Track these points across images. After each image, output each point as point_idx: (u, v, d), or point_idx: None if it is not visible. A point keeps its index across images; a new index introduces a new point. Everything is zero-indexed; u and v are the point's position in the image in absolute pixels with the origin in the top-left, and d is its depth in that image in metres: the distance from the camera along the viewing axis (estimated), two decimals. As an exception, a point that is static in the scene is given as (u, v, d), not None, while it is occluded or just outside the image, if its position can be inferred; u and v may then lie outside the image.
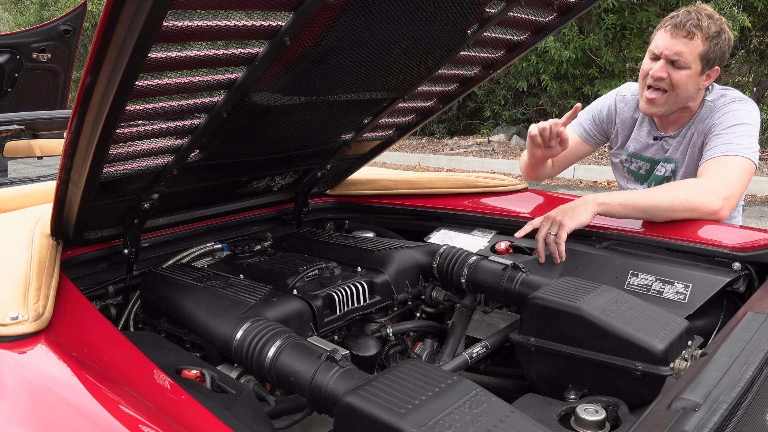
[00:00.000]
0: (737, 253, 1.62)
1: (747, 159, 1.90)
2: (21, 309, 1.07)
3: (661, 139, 2.20)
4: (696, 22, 1.93)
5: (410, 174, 2.39)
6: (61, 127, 3.26)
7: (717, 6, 7.87)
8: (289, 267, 1.63)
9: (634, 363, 1.26)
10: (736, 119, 1.98)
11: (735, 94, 2.08)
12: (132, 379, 1.02)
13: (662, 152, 2.20)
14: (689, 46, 1.95)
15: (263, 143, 1.66)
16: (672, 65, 1.98)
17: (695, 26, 1.93)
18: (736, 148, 1.91)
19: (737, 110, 2.00)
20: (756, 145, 1.95)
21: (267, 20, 1.10)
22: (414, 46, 1.42)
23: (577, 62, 9.47)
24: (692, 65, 1.97)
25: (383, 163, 10.08)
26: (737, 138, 1.94)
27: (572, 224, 1.76)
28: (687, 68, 1.97)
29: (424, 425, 0.92)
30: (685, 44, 1.95)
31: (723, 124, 1.99)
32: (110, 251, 1.59)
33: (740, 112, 2.00)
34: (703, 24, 1.94)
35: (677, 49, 1.96)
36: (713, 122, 2.03)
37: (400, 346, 1.70)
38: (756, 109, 2.04)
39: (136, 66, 0.94)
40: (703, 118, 2.08)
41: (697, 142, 2.09)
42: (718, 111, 2.04)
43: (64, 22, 4.39)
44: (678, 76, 1.98)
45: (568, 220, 1.76)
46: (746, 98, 2.07)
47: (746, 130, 1.95)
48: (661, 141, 2.20)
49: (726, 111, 2.02)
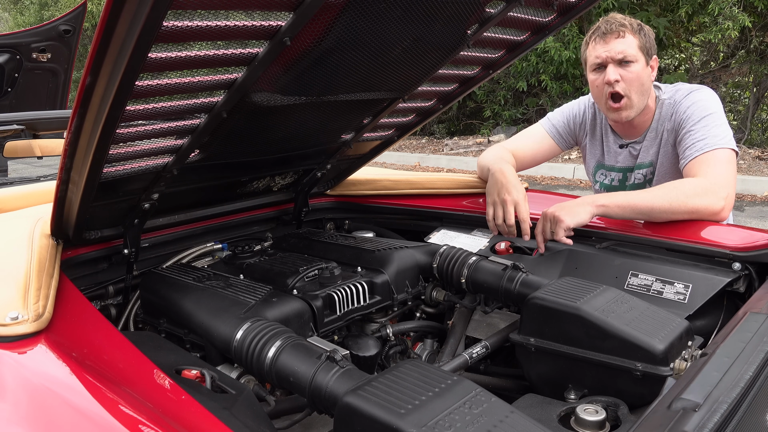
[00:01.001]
0: (737, 253, 1.62)
1: (728, 149, 1.92)
2: (21, 309, 1.07)
3: (627, 146, 2.21)
4: (619, 22, 2.04)
5: (410, 174, 2.39)
6: (61, 127, 3.26)
7: (717, 6, 7.88)
8: (289, 267, 1.63)
9: (634, 363, 1.26)
10: (703, 110, 2.00)
11: (686, 85, 2.12)
12: (132, 379, 1.02)
13: (632, 159, 2.21)
14: (625, 43, 2.02)
15: (263, 143, 1.66)
16: (620, 65, 2.03)
17: (620, 26, 2.03)
18: (715, 141, 1.92)
19: (700, 100, 2.03)
20: (729, 131, 1.97)
21: (267, 20, 1.10)
22: (414, 46, 1.42)
23: (577, 62, 9.45)
24: (638, 57, 2.03)
25: (383, 163, 10.08)
26: (711, 130, 1.95)
27: (570, 222, 1.76)
28: (635, 61, 2.02)
29: (424, 425, 0.92)
30: (621, 42, 2.03)
31: (692, 118, 2.00)
32: (110, 251, 1.59)
33: (703, 102, 2.02)
34: (625, 23, 2.04)
35: (618, 48, 2.02)
36: (681, 117, 2.04)
37: (400, 346, 1.70)
38: (713, 94, 2.07)
39: (136, 66, 0.94)
40: (667, 116, 2.10)
41: (669, 140, 2.10)
42: (680, 104, 2.06)
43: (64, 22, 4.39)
44: (631, 73, 2.02)
45: (566, 218, 1.76)
46: (700, 86, 2.10)
47: (716, 120, 1.97)
48: (628, 148, 2.21)
49: (689, 104, 2.04)
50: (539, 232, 1.83)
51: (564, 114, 2.36)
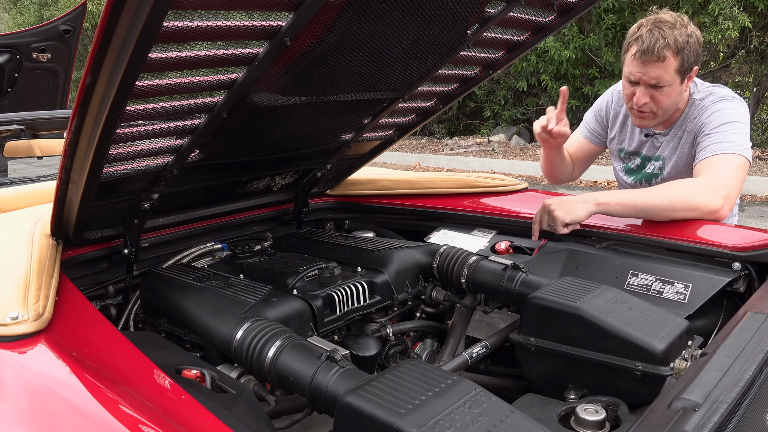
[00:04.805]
0: (737, 253, 1.62)
1: (741, 156, 1.91)
2: (21, 309, 1.07)
3: (652, 136, 2.21)
4: (663, 42, 1.87)
5: (410, 174, 2.39)
6: (61, 127, 3.26)
7: (717, 6, 7.88)
8: (289, 267, 1.63)
9: (634, 363, 1.26)
10: (725, 117, 1.98)
11: (723, 91, 2.08)
12: (132, 379, 1.02)
13: (653, 149, 2.22)
14: (663, 68, 1.92)
15: (263, 143, 1.66)
16: (653, 88, 1.97)
17: (663, 47, 1.87)
18: (729, 146, 1.92)
19: (726, 109, 2.01)
20: (748, 142, 1.95)
21: (267, 20, 1.10)
22: (414, 47, 1.42)
23: (577, 62, 9.47)
24: (672, 82, 1.95)
25: (383, 163, 10.08)
26: (729, 136, 1.94)
27: (566, 219, 1.77)
28: (667, 86, 1.96)
29: (424, 425, 0.92)
30: (659, 67, 1.91)
31: (713, 123, 1.99)
32: (110, 251, 1.59)
33: (729, 111, 2.00)
34: (669, 41, 1.87)
35: (653, 74, 1.93)
36: (703, 122, 2.03)
37: (400, 346, 1.70)
38: (744, 107, 2.04)
39: (136, 66, 0.94)
40: (692, 117, 2.08)
41: (687, 141, 2.10)
42: (706, 110, 2.04)
43: (64, 22, 4.39)
44: (661, 96, 1.98)
45: (563, 214, 1.77)
46: (734, 96, 2.06)
47: (737, 128, 1.96)
48: (652, 138, 2.21)
49: (715, 110, 2.02)
50: (536, 221, 1.85)
51: (592, 111, 2.40)
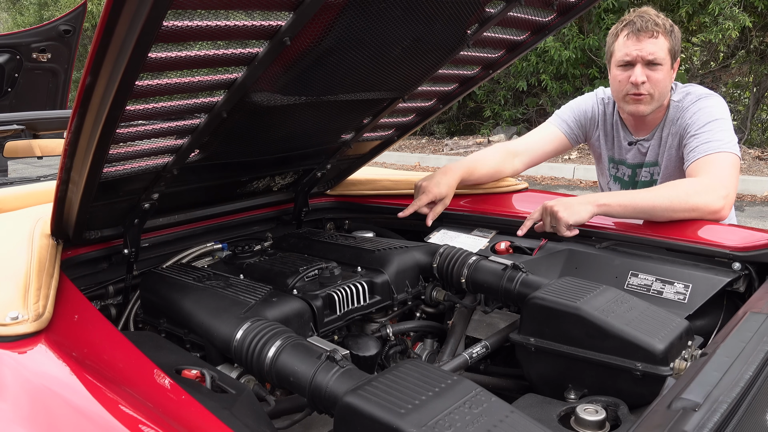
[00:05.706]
0: (737, 253, 1.62)
1: (732, 154, 1.92)
2: (21, 309, 1.07)
3: (636, 144, 2.22)
4: (654, 21, 2.01)
5: (410, 174, 2.39)
6: (61, 127, 3.26)
7: (717, 6, 7.88)
8: (289, 267, 1.63)
9: (634, 363, 1.26)
10: (708, 116, 2.00)
11: (698, 90, 2.11)
12: (132, 379, 1.02)
13: (641, 156, 2.22)
14: (658, 44, 2.01)
15: (263, 143, 1.66)
16: (648, 66, 2.02)
17: (655, 25, 2.00)
18: (719, 145, 1.93)
19: (707, 107, 2.03)
20: (734, 137, 1.97)
21: (267, 20, 1.10)
22: (414, 46, 1.42)
23: (577, 62, 9.46)
24: (665, 61, 2.03)
25: (383, 163, 10.07)
26: (716, 134, 1.95)
27: (570, 220, 1.77)
28: (661, 65, 2.02)
29: (424, 425, 0.92)
30: (654, 43, 2.01)
31: (697, 123, 2.01)
32: (110, 251, 1.59)
33: (710, 108, 2.02)
34: (659, 22, 2.01)
35: (650, 49, 2.01)
36: (686, 122, 2.05)
37: (400, 346, 1.70)
38: (722, 102, 2.07)
39: (136, 66, 0.94)
40: (673, 119, 2.10)
41: (672, 144, 2.11)
42: (687, 110, 2.06)
43: (64, 22, 4.39)
44: (657, 75, 2.03)
45: (568, 215, 1.77)
46: (710, 93, 2.10)
47: (721, 125, 1.98)
48: (637, 145, 2.22)
49: (696, 110, 2.04)
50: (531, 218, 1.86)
51: (573, 110, 2.36)
